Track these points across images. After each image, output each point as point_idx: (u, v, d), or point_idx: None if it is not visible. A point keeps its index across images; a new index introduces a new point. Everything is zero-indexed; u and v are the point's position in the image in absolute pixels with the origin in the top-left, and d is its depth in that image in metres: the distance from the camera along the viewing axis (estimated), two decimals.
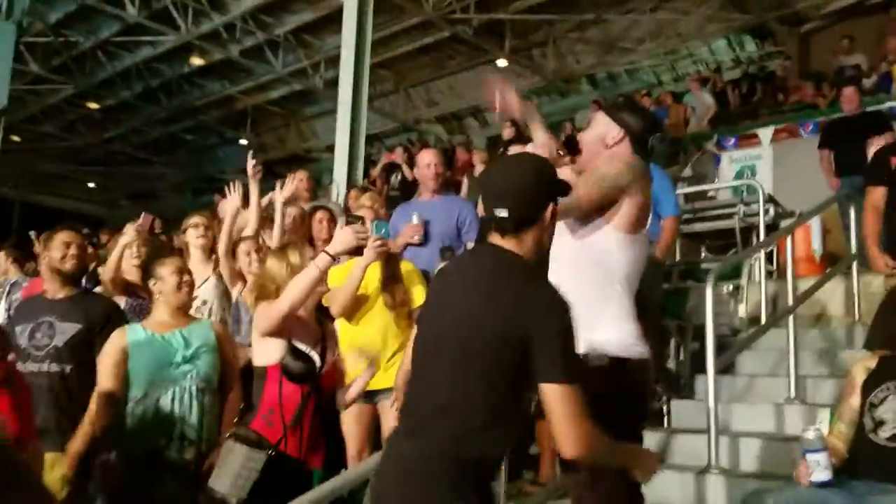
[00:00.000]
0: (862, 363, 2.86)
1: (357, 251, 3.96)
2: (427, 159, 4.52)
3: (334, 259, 2.77)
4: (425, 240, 4.28)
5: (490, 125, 17.88)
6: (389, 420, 3.50)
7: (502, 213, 1.87)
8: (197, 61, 16.57)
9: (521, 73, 16.54)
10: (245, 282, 3.95)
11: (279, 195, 4.41)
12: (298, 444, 2.70)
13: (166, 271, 3.17)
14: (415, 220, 4.27)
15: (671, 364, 4.93)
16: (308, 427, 2.72)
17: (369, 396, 3.55)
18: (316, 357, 2.76)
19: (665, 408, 4.43)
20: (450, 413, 1.78)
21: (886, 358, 2.81)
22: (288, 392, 2.69)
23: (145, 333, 3.12)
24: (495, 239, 1.91)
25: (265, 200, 4.64)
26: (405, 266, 3.82)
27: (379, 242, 3.33)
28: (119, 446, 3.02)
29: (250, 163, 4.40)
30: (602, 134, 2.47)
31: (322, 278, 2.73)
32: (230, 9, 14.59)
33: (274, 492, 2.61)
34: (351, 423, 3.62)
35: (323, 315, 3.12)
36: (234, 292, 4.01)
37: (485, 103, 17.93)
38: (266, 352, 2.75)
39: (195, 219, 4.40)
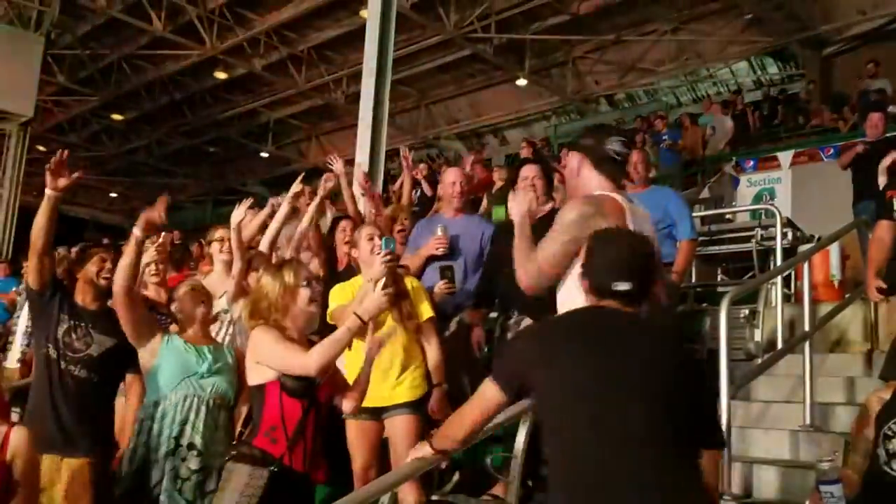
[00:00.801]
0: (876, 394, 2.83)
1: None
2: (452, 178, 4.56)
3: (365, 323, 2.88)
4: (450, 253, 4.32)
5: (509, 143, 17.95)
6: (399, 441, 3.48)
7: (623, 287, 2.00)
8: (221, 75, 16.79)
9: (541, 93, 16.62)
10: None
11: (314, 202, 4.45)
12: (302, 457, 2.70)
13: (185, 298, 3.38)
14: (439, 231, 4.31)
15: None
16: (310, 440, 2.72)
17: (375, 413, 3.54)
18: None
19: None
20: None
21: None
22: (288, 407, 2.69)
23: (181, 342, 3.31)
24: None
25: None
26: (411, 282, 3.83)
27: (388, 257, 3.35)
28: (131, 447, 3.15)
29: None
30: (570, 168, 2.69)
31: (352, 339, 2.86)
32: (254, 24, 14.80)
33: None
34: (355, 438, 3.60)
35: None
36: (237, 308, 4.03)
37: (504, 122, 18.06)
38: (262, 370, 2.76)
39: (220, 233, 4.45)
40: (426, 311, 3.70)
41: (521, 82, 15.95)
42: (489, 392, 2.07)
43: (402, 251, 4.47)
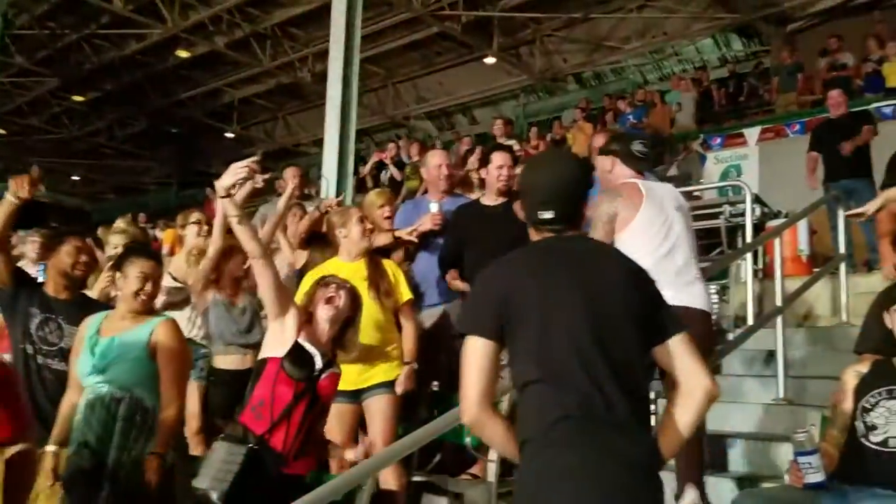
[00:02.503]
0: (853, 368, 2.88)
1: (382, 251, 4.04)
2: (437, 160, 4.54)
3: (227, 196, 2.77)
4: (443, 231, 4.31)
5: (479, 122, 17.90)
6: (375, 420, 3.48)
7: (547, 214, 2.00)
8: (183, 54, 16.46)
9: (510, 71, 16.58)
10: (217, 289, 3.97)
11: (283, 201, 4.32)
12: (284, 438, 2.67)
13: (132, 272, 3.06)
14: (433, 208, 4.31)
15: None
16: (296, 426, 2.70)
17: (353, 396, 3.52)
18: (318, 358, 2.76)
19: (653, 408, 4.44)
20: (623, 406, 1.84)
21: (878, 363, 2.83)
22: (281, 387, 2.69)
23: (91, 335, 3.05)
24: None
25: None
26: (390, 264, 3.83)
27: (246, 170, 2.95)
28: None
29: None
30: (602, 168, 3.45)
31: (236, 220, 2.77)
32: (217, 1, 14.51)
33: (258, 484, 2.60)
34: (332, 422, 3.47)
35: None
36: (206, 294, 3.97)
37: (473, 101, 18.01)
38: (273, 345, 2.77)
39: (197, 215, 4.39)
40: (405, 293, 3.73)
41: (490, 61, 15.89)
42: (474, 345, 1.90)
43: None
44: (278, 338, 2.78)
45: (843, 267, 5.15)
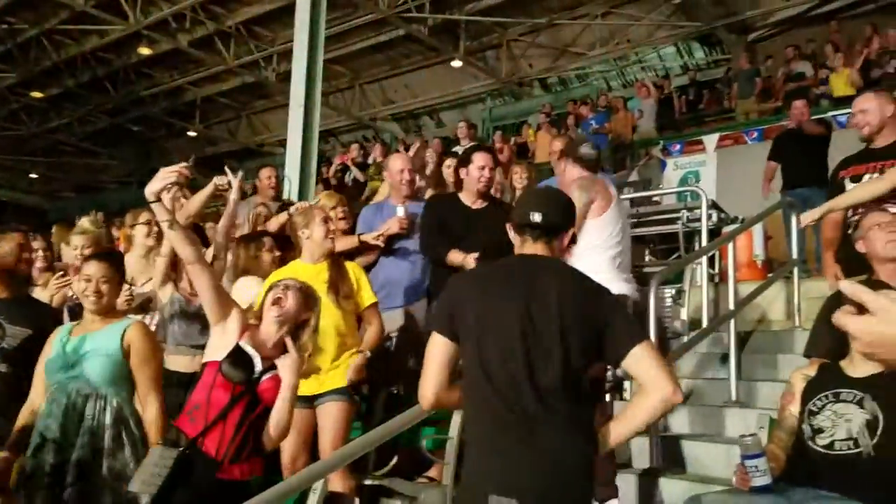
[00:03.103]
0: (801, 371, 2.90)
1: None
2: (399, 165, 4.52)
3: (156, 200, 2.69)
4: (407, 235, 4.33)
5: (445, 125, 17.92)
6: (327, 427, 3.42)
7: (537, 216, 2.24)
8: (145, 51, 16.21)
9: (476, 75, 16.63)
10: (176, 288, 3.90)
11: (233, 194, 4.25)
12: (219, 442, 2.61)
13: (83, 276, 3.07)
14: (401, 212, 4.31)
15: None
16: (232, 429, 2.64)
17: (308, 401, 3.46)
18: (258, 361, 2.72)
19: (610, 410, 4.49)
20: (563, 398, 2.10)
21: (825, 366, 2.84)
22: (218, 390, 2.63)
23: (62, 336, 3.05)
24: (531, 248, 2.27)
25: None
26: (353, 267, 3.79)
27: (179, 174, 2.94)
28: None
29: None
30: (558, 170, 4.01)
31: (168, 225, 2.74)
32: None
33: (188, 489, 2.54)
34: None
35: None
36: (164, 293, 3.91)
37: (440, 104, 18.04)
38: (214, 349, 2.72)
39: (146, 215, 4.30)
40: (368, 297, 3.67)
41: (457, 64, 15.93)
42: (437, 345, 2.21)
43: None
44: (220, 342, 2.73)
45: (796, 272, 5.24)
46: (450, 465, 3.47)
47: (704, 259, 5.08)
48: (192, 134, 20.10)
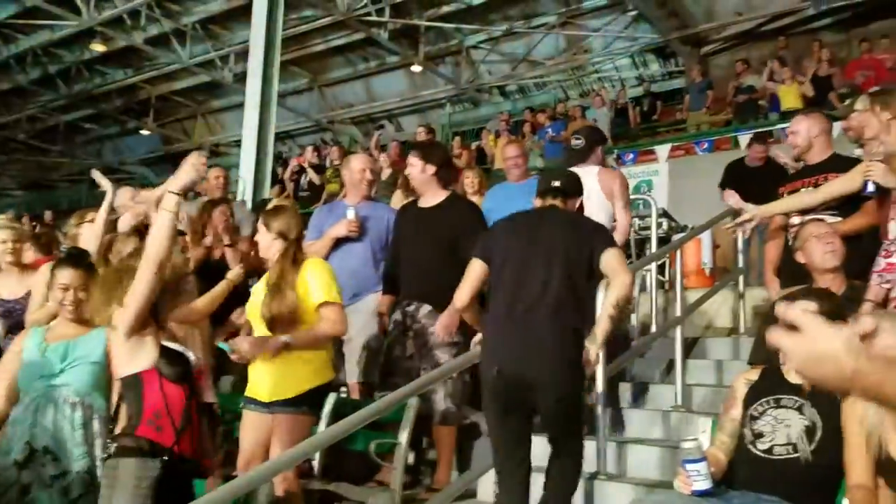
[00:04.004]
0: (743, 376, 2.96)
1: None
2: (360, 164, 4.56)
3: (181, 195, 2.65)
4: (360, 237, 4.34)
5: (404, 129, 17.91)
6: (276, 440, 3.26)
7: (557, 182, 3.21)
8: (98, 48, 15.88)
9: (436, 81, 16.67)
10: None
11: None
12: (191, 444, 2.60)
13: (55, 283, 3.07)
14: (350, 215, 4.32)
15: None
16: (198, 427, 2.63)
17: (266, 406, 3.35)
18: (190, 354, 2.69)
19: None
20: (554, 293, 2.92)
21: (767, 371, 2.90)
22: (171, 393, 2.58)
23: (38, 342, 3.02)
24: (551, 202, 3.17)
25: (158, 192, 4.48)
26: (313, 264, 3.49)
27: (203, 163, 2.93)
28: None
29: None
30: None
31: (175, 219, 2.62)
32: None
33: (178, 497, 2.50)
34: (243, 429, 3.43)
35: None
36: None
37: (400, 108, 18.03)
38: (135, 359, 2.61)
39: (92, 214, 4.24)
40: (318, 295, 3.40)
41: (416, 69, 15.94)
42: (475, 265, 3.13)
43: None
44: (137, 351, 2.62)
45: (741, 280, 5.37)
46: (398, 470, 3.46)
47: (654, 266, 5.17)
48: (145, 132, 19.75)
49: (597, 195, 4.15)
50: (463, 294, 3.11)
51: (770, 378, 2.85)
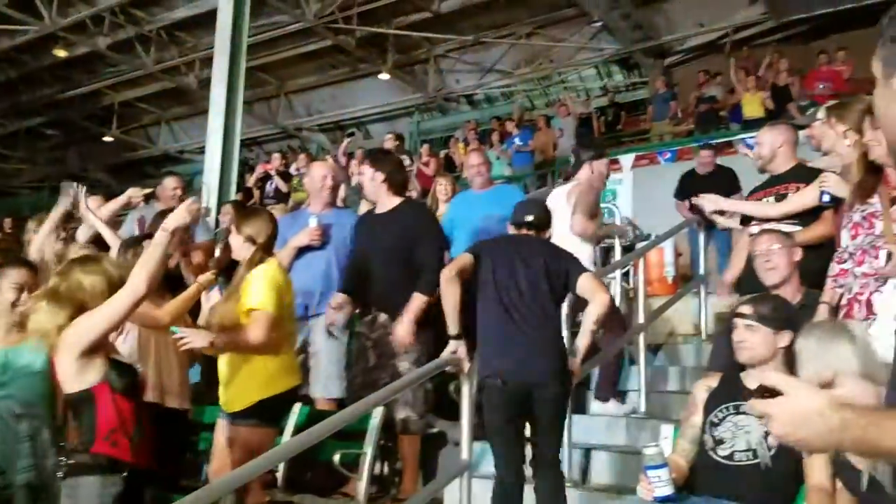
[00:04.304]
0: (704, 382, 3.00)
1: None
2: (323, 172, 4.54)
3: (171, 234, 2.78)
4: (323, 245, 4.30)
5: (373, 137, 17.89)
6: (233, 449, 3.23)
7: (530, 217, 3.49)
8: (61, 53, 15.64)
9: (404, 89, 16.69)
10: None
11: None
12: (147, 456, 2.57)
13: (5, 284, 2.95)
14: (313, 223, 4.28)
15: None
16: (150, 439, 2.60)
17: (227, 416, 3.34)
18: (137, 365, 2.67)
19: None
20: (545, 313, 3.26)
21: (727, 378, 2.94)
22: (124, 407, 2.54)
23: None
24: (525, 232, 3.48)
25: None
26: (266, 269, 3.36)
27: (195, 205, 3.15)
28: None
29: None
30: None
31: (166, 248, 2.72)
32: (99, 0, 13.89)
33: None
34: (218, 435, 3.41)
35: None
36: None
37: (367, 116, 18.02)
38: (85, 373, 2.55)
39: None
40: (247, 301, 3.27)
41: (384, 76, 15.94)
42: (464, 256, 3.41)
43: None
44: (86, 365, 2.55)
45: (702, 288, 5.45)
46: (363, 481, 3.45)
47: (618, 273, 5.23)
48: (108, 139, 19.47)
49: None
50: (448, 270, 3.34)
51: (729, 384, 2.88)
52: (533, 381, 3.14)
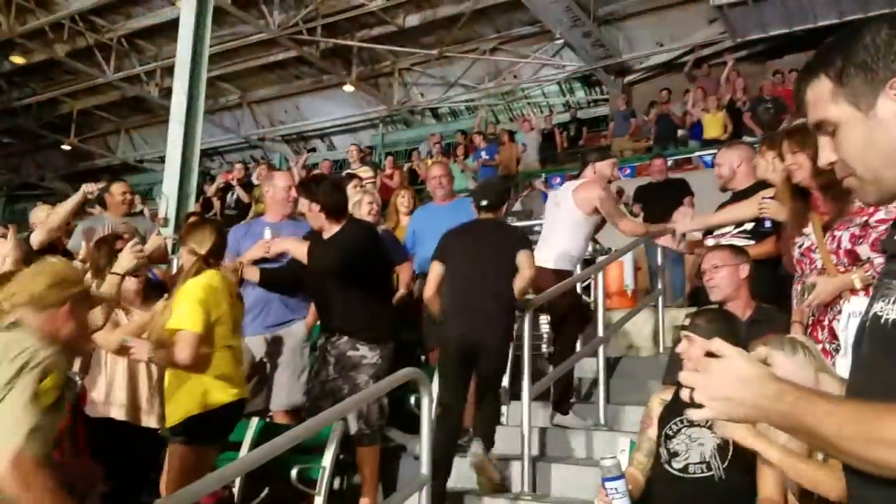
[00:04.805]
0: (658, 396, 3.04)
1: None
2: (286, 182, 4.49)
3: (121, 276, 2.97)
4: (278, 257, 4.23)
5: (336, 148, 17.85)
6: (168, 466, 3.17)
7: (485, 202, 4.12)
8: (18, 60, 15.34)
9: (368, 101, 16.69)
10: None
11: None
12: (79, 470, 2.51)
13: None
14: (267, 234, 4.22)
15: None
16: (86, 451, 2.55)
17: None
18: (77, 378, 2.62)
19: None
20: (496, 284, 3.89)
21: (681, 391, 2.99)
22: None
23: None
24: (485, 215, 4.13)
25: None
26: (196, 284, 3.24)
27: (139, 250, 3.24)
28: None
29: None
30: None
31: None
32: (58, 8, 13.67)
33: None
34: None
35: None
36: None
37: (331, 127, 17.97)
38: None
39: (1, 230, 4.07)
40: (172, 322, 3.16)
41: (349, 88, 15.93)
42: (435, 266, 4.06)
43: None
44: None
45: (660, 301, 5.53)
46: (321, 495, 3.42)
47: (579, 287, 5.28)
48: (66, 147, 19.12)
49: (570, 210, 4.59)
50: (428, 290, 4.09)
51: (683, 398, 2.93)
52: (481, 341, 3.82)
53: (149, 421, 3.47)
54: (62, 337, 2.11)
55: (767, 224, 3.65)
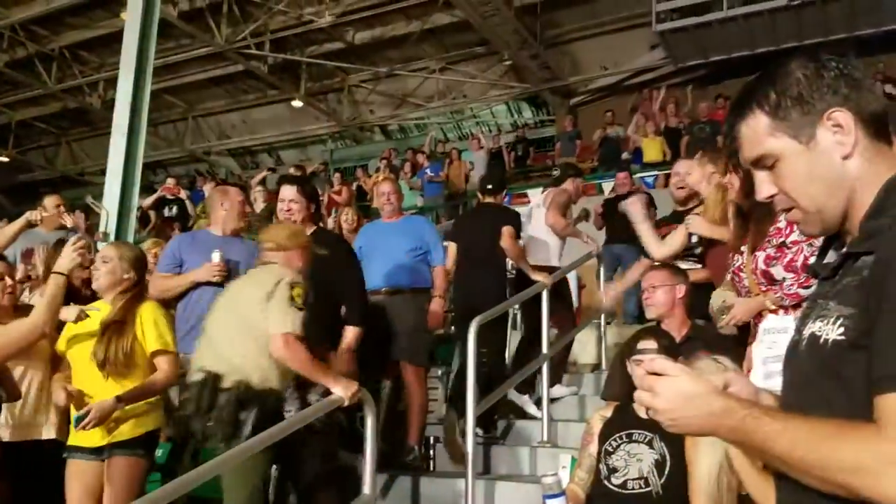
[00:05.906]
0: (599, 412, 3.09)
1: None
2: (241, 196, 4.34)
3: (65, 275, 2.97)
4: (227, 279, 3.86)
5: (284, 163, 17.69)
6: (114, 484, 3.06)
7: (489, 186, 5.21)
8: None
9: (317, 116, 16.63)
10: None
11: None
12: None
13: None
14: (216, 258, 3.90)
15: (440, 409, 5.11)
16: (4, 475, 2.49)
17: (97, 452, 3.11)
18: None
19: (431, 452, 4.54)
20: (489, 257, 4.84)
21: (620, 408, 3.03)
22: None
23: None
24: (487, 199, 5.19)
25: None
26: (150, 309, 3.28)
27: (81, 246, 3.15)
28: None
29: None
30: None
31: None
32: None
33: None
34: (70, 481, 3.13)
35: None
36: None
37: (279, 142, 17.82)
38: None
39: None
40: (152, 343, 3.21)
41: (297, 104, 15.85)
42: (451, 247, 4.96)
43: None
44: None
45: (603, 319, 5.62)
46: None
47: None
48: (3, 159, 18.54)
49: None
50: (448, 264, 4.81)
51: (622, 414, 2.97)
52: (479, 301, 4.46)
53: (48, 433, 3.38)
54: (296, 267, 3.15)
55: (694, 239, 3.68)
